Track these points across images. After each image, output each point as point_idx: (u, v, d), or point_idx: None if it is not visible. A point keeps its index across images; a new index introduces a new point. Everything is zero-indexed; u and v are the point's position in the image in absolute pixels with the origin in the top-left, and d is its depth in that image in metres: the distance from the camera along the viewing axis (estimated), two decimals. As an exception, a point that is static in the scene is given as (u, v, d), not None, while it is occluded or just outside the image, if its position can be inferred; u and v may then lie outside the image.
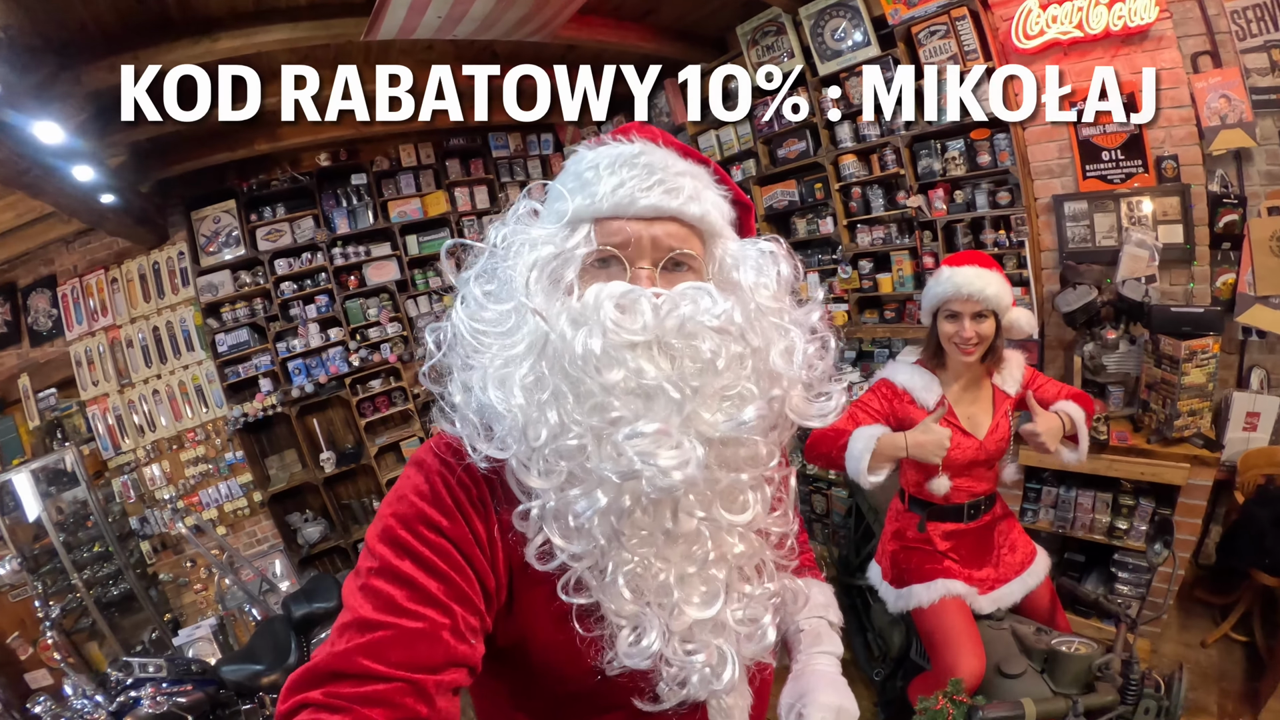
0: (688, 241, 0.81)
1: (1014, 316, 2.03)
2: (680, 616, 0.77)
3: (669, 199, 0.79)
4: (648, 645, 0.75)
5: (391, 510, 0.76)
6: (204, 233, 4.94)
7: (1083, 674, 1.73)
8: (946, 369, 2.11)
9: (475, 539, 0.75)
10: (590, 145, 0.86)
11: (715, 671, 0.78)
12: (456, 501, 0.76)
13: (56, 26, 2.79)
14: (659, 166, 0.80)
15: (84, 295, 4.83)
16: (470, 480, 0.78)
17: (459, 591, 0.72)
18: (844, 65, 3.77)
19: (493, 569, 0.76)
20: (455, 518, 0.75)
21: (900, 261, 3.95)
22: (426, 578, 0.71)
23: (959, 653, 1.94)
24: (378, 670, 0.65)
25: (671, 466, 0.69)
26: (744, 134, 4.53)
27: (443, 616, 0.69)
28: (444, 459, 0.79)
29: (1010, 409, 2.15)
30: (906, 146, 3.69)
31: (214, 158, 4.52)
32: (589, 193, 0.79)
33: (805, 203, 4.35)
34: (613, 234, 0.78)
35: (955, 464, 2.06)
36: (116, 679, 2.76)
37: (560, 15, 3.39)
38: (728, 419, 0.74)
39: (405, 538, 0.73)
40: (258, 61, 3.46)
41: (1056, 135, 3.25)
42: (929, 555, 2.17)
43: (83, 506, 4.55)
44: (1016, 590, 2.16)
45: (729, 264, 0.85)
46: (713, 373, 0.74)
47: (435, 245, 5.63)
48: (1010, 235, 3.45)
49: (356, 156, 5.39)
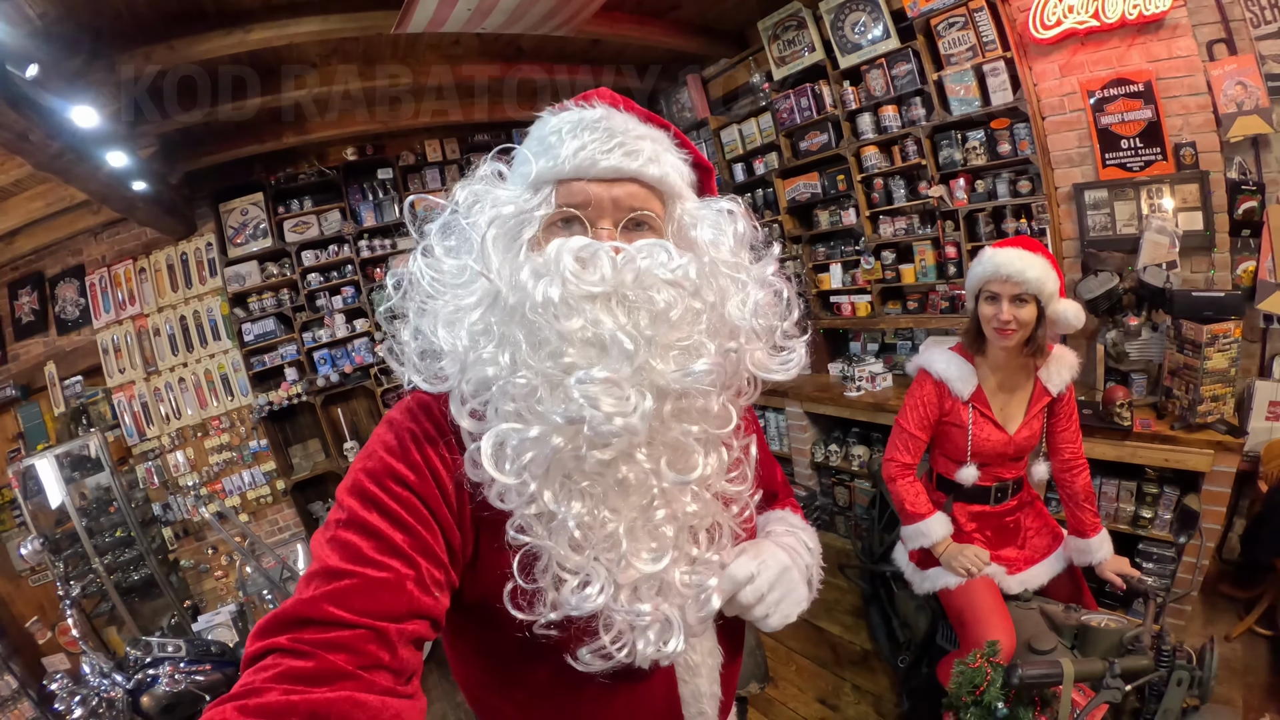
0: (648, 202, 0.89)
1: (1060, 308, 2.05)
2: (627, 570, 0.83)
3: (629, 160, 0.86)
4: (591, 593, 0.81)
5: (361, 466, 0.82)
6: (232, 224, 5.29)
7: (1114, 648, 1.80)
8: (986, 356, 2.18)
9: (442, 495, 0.82)
10: (554, 110, 0.95)
11: (662, 635, 0.85)
12: (425, 457, 0.82)
13: (91, 14, 2.93)
14: (619, 130, 0.88)
15: (112, 285, 5.18)
16: (439, 436, 0.85)
17: (424, 545, 0.78)
18: (864, 58, 3.98)
19: (459, 525, 0.83)
20: (423, 473, 0.81)
21: (923, 252, 4.13)
22: (392, 530, 0.77)
23: (989, 627, 2.01)
24: (342, 617, 0.69)
25: (614, 413, 0.76)
26: (766, 127, 4.76)
27: (407, 568, 0.75)
28: (415, 415, 0.87)
29: (1046, 407, 2.25)
30: (927, 137, 3.87)
31: (242, 150, 4.78)
32: (551, 155, 0.86)
33: (828, 194, 4.55)
34: (574, 195, 0.86)
35: (983, 454, 2.22)
36: (135, 658, 2.87)
37: (585, 10, 3.62)
38: (679, 369, 0.81)
39: (373, 491, 0.79)
40: (288, 53, 3.77)
41: (1076, 124, 3.40)
42: (957, 536, 2.30)
43: (106, 492, 4.82)
44: (1043, 573, 2.26)
45: (687, 223, 0.93)
46: (666, 324, 0.81)
47: None
48: (1031, 224, 3.61)
49: (383, 151, 5.74)
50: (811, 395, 4.52)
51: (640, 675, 0.91)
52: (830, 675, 3.22)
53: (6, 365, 5.27)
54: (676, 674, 0.96)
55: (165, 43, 3.20)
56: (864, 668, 3.22)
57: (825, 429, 4.76)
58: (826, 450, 4.54)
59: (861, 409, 4.12)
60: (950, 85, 3.67)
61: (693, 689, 0.97)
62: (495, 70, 4.62)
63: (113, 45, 3.14)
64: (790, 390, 4.65)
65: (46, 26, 2.77)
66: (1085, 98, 3.31)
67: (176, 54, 3.22)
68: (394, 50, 4.07)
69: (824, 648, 3.43)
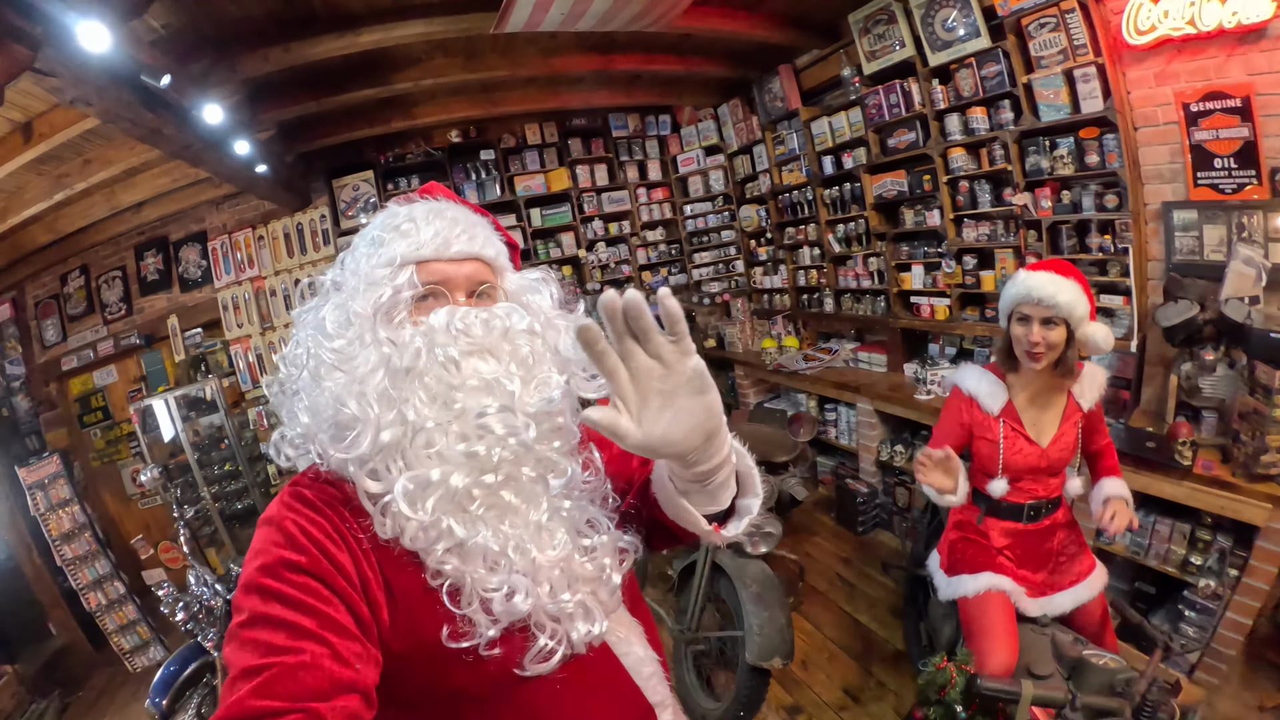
0: (487, 275, 1.11)
1: (1090, 331, 2.13)
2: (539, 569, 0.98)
3: (472, 244, 1.08)
4: (519, 600, 0.93)
5: (253, 566, 0.86)
6: (344, 199, 5.91)
7: (1105, 687, 1.84)
8: (1018, 374, 2.30)
9: (338, 570, 0.87)
10: (399, 202, 1.14)
11: (587, 618, 1.00)
12: (311, 539, 0.88)
13: (211, 24, 3.29)
14: (461, 219, 1.10)
15: (232, 249, 5.88)
16: (322, 515, 0.92)
17: (332, 622, 0.82)
18: (953, 57, 4.05)
19: (364, 594, 0.89)
20: (313, 554, 0.86)
21: (1004, 260, 4.18)
22: (298, 615, 0.80)
23: (992, 644, 2.13)
24: (272, 706, 0.72)
25: (508, 434, 0.97)
26: (855, 121, 4.91)
27: (320, 647, 0.79)
28: (292, 506, 0.93)
29: (1079, 421, 2.32)
30: (1015, 142, 3.90)
31: (353, 134, 5.28)
32: (411, 241, 1.05)
33: (914, 193, 4.66)
34: (434, 273, 1.05)
35: (1015, 468, 2.33)
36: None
37: (676, 8, 3.85)
38: (541, 398, 1.01)
39: (270, 585, 0.83)
40: (396, 51, 4.19)
41: (1168, 137, 3.31)
42: (983, 549, 2.39)
43: (218, 431, 5.57)
44: (1067, 601, 2.33)
45: (514, 290, 1.16)
46: (528, 366, 1.03)
47: (557, 218, 6.51)
48: (1115, 241, 3.56)
49: (485, 134, 6.27)
50: (884, 394, 4.69)
51: (588, 664, 1.02)
52: (859, 668, 3.44)
53: (132, 317, 6.08)
54: (615, 650, 1.08)
55: (281, 45, 3.59)
56: (893, 667, 3.41)
57: (894, 428, 4.92)
58: (892, 450, 4.71)
59: (929, 413, 4.25)
60: (1040, 89, 3.68)
61: (634, 658, 1.10)
62: (590, 63, 4.94)
63: (232, 50, 3.54)
64: (863, 387, 4.84)
65: (170, 36, 3.18)
66: (1180, 109, 3.20)
67: (292, 55, 3.62)
68: (494, 45, 4.42)
69: (859, 640, 3.65)
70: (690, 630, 3.24)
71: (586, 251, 6.59)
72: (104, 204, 5.26)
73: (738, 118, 6.25)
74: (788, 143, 5.71)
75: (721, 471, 0.92)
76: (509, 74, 4.75)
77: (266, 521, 0.92)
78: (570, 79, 5.46)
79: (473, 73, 4.63)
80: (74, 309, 6.15)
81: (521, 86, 5.48)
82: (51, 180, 4.45)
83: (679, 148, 6.83)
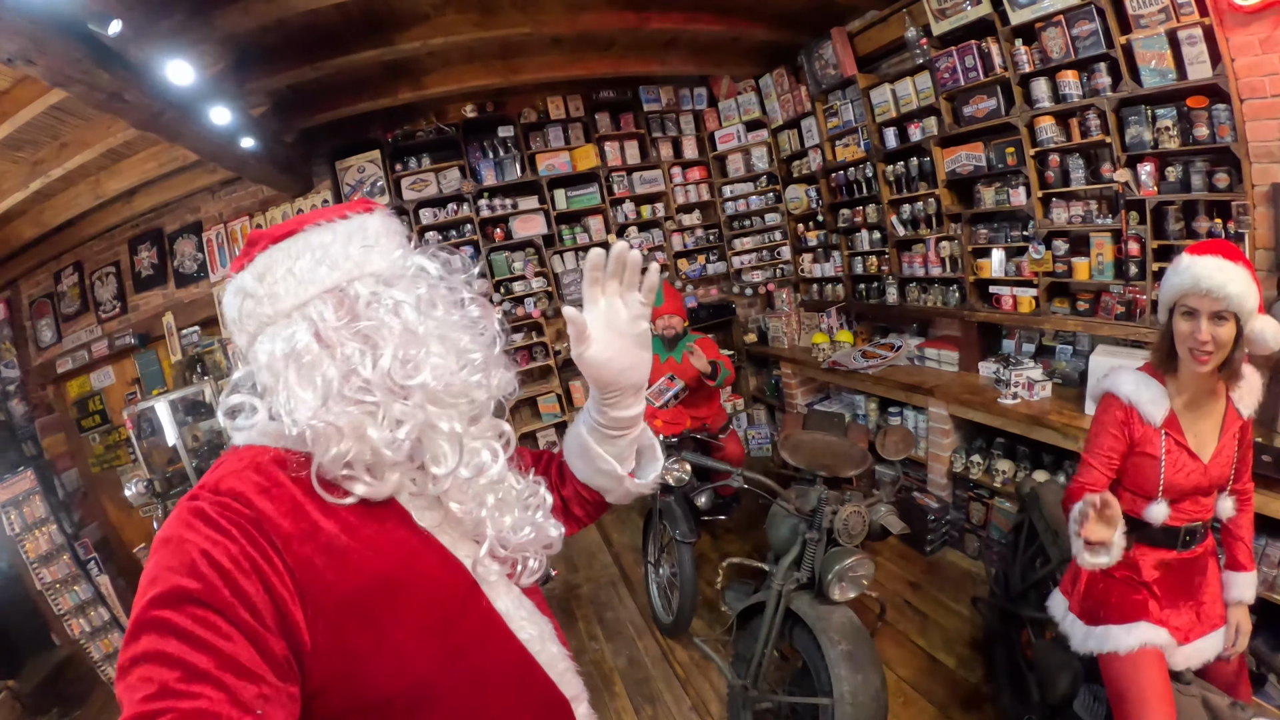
0: None
1: (1260, 325, 1.90)
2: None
3: None
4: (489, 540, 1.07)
5: (147, 595, 0.79)
6: (348, 182, 5.56)
7: None
8: (1177, 376, 2.05)
9: (240, 599, 0.81)
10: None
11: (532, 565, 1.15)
12: (212, 562, 0.81)
13: None
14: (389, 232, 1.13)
15: (229, 241, 5.60)
16: (225, 535, 0.84)
17: (231, 662, 0.76)
18: (1040, 14, 3.60)
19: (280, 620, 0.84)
20: (211, 582, 0.80)
21: (1100, 244, 3.73)
22: (194, 653, 0.75)
23: (1153, 715, 1.88)
24: None
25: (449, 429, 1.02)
26: (924, 88, 4.46)
27: (217, 691, 0.74)
28: (190, 524, 0.85)
29: (1237, 433, 2.08)
30: (1113, 111, 3.47)
31: (357, 107, 4.95)
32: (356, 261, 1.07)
33: (993, 169, 4.23)
34: None
35: (1176, 488, 2.05)
36: None
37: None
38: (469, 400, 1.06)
39: (163, 616, 0.77)
40: (399, 2, 3.82)
41: (1277, 111, 2.91)
42: (1131, 587, 2.12)
43: (217, 436, 5.28)
44: (1214, 645, 2.10)
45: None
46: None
47: (584, 200, 6.08)
48: (1229, 225, 3.15)
49: (503, 108, 5.86)
50: (959, 397, 4.24)
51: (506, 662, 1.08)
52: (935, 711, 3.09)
53: (126, 315, 5.88)
54: (530, 649, 1.11)
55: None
56: (972, 709, 3.05)
57: (967, 436, 4.49)
58: (968, 460, 4.28)
59: (1016, 420, 3.83)
60: (1140, 51, 3.24)
61: (548, 655, 1.14)
62: (621, 20, 4.55)
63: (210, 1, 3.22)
64: (936, 389, 4.41)
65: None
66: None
67: (276, 6, 3.28)
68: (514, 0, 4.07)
69: (938, 682, 3.27)
70: (753, 685, 2.80)
71: (617, 237, 6.14)
72: (89, 193, 5.01)
73: (782, 89, 5.81)
74: (842, 114, 5.27)
75: (635, 428, 1.26)
76: (530, 31, 4.33)
77: (164, 542, 0.84)
78: (599, 40, 5.03)
79: (488, 30, 4.20)
80: (68, 308, 6.00)
81: (543, 50, 5.04)
82: (27, 168, 4.21)
83: (717, 123, 6.42)
